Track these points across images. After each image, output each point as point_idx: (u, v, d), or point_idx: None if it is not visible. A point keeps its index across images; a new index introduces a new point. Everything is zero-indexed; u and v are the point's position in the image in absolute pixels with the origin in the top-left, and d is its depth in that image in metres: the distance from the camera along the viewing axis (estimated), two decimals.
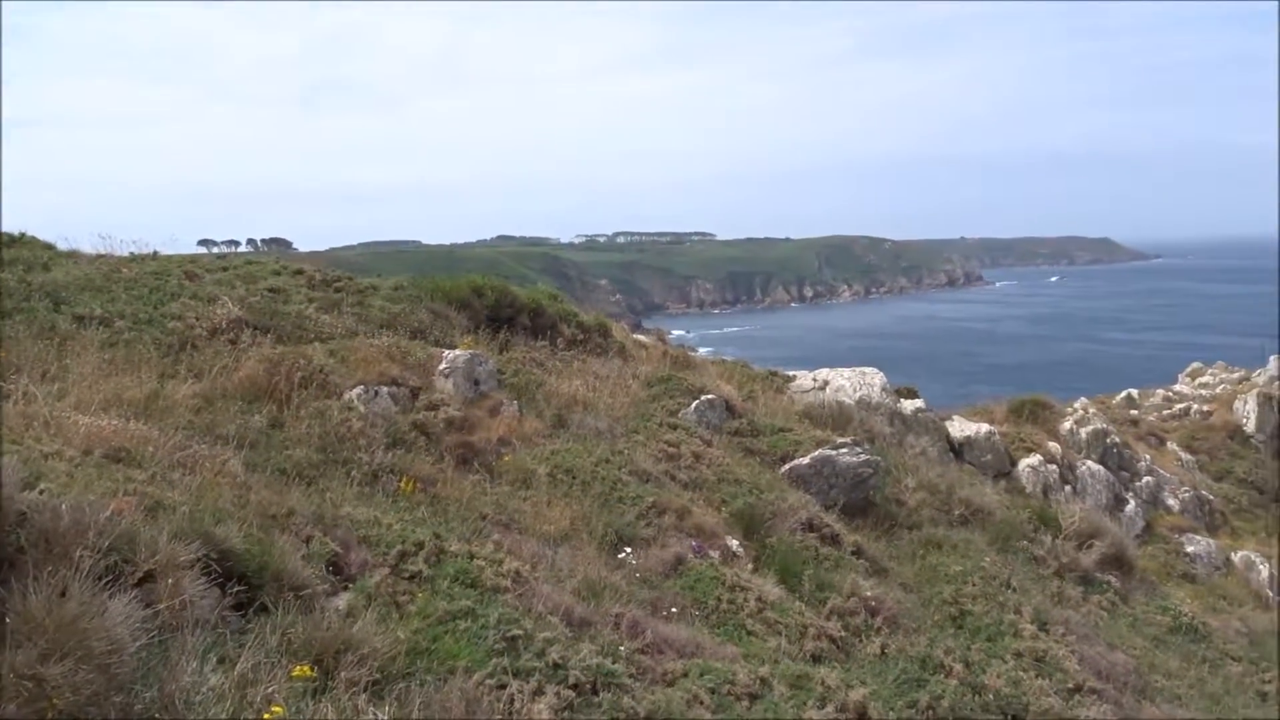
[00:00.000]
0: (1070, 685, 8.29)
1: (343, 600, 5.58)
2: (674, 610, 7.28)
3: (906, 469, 13.16)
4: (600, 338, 13.46)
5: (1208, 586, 15.64)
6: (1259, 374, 25.38)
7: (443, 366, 10.05)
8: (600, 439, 9.97)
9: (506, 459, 8.90)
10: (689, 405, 11.84)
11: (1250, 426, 23.33)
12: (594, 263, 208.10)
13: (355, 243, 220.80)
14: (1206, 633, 12.29)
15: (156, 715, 3.78)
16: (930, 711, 6.98)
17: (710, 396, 12.17)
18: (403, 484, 7.64)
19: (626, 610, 6.76)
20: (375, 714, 4.23)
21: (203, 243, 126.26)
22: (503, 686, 5.14)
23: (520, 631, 5.65)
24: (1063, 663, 8.64)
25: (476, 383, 10.19)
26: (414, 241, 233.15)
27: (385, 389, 9.14)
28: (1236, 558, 17.13)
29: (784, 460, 11.53)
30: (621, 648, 6.18)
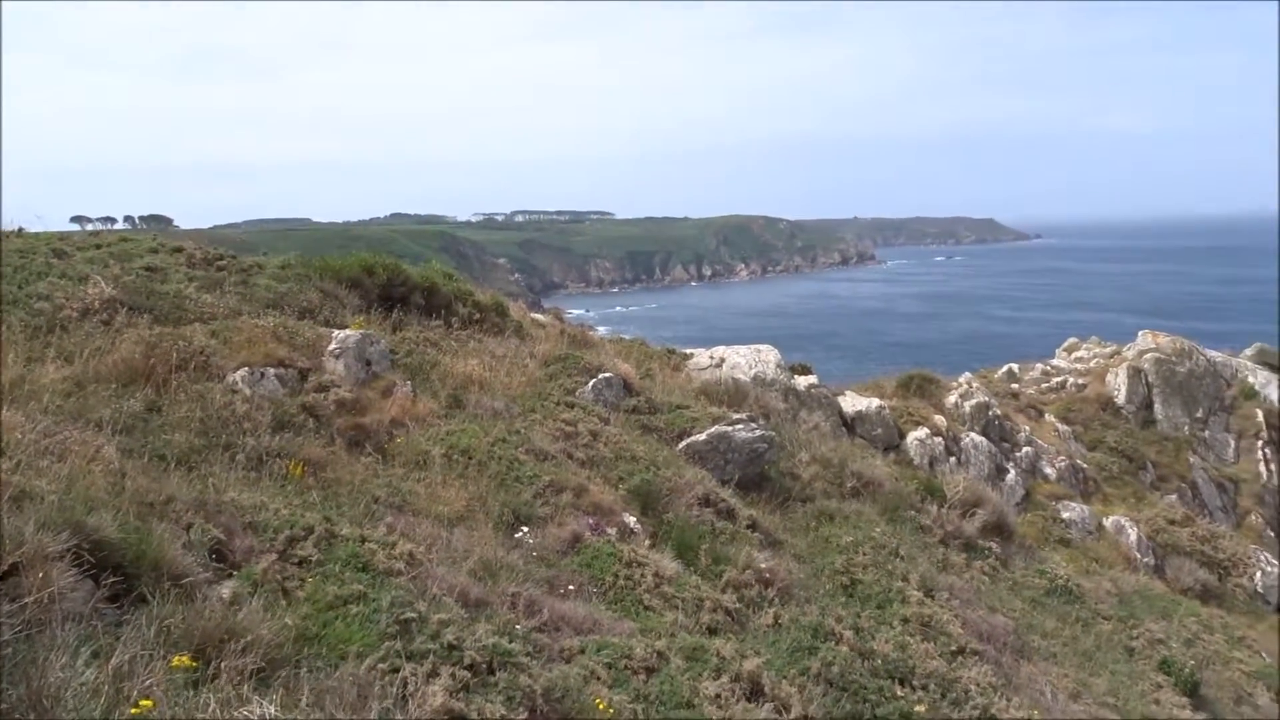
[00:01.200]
0: (954, 648, 8.63)
1: (227, 588, 5.40)
2: (571, 588, 7.29)
3: (800, 444, 13.43)
4: (497, 317, 13.32)
5: (1082, 550, 16.46)
6: (1129, 348, 26.74)
7: (333, 347, 9.80)
8: (497, 419, 9.88)
9: (400, 440, 8.75)
10: (586, 384, 11.83)
11: (1121, 398, 24.58)
12: (492, 241, 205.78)
13: (240, 220, 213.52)
14: (1080, 594, 12.94)
15: (20, 715, 3.59)
16: (821, 678, 7.16)
17: (608, 375, 12.18)
18: (291, 468, 7.43)
19: (523, 589, 6.74)
20: (260, 703, 4.11)
21: (75, 220, 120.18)
22: (395, 670, 5.06)
23: (414, 614, 5.57)
24: (947, 626, 8.97)
25: (368, 363, 9.98)
26: (304, 219, 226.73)
27: (272, 371, 8.87)
28: (1108, 522, 18.07)
29: (681, 437, 11.63)
30: (518, 627, 6.16)
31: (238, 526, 6.04)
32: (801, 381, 16.06)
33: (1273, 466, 24.61)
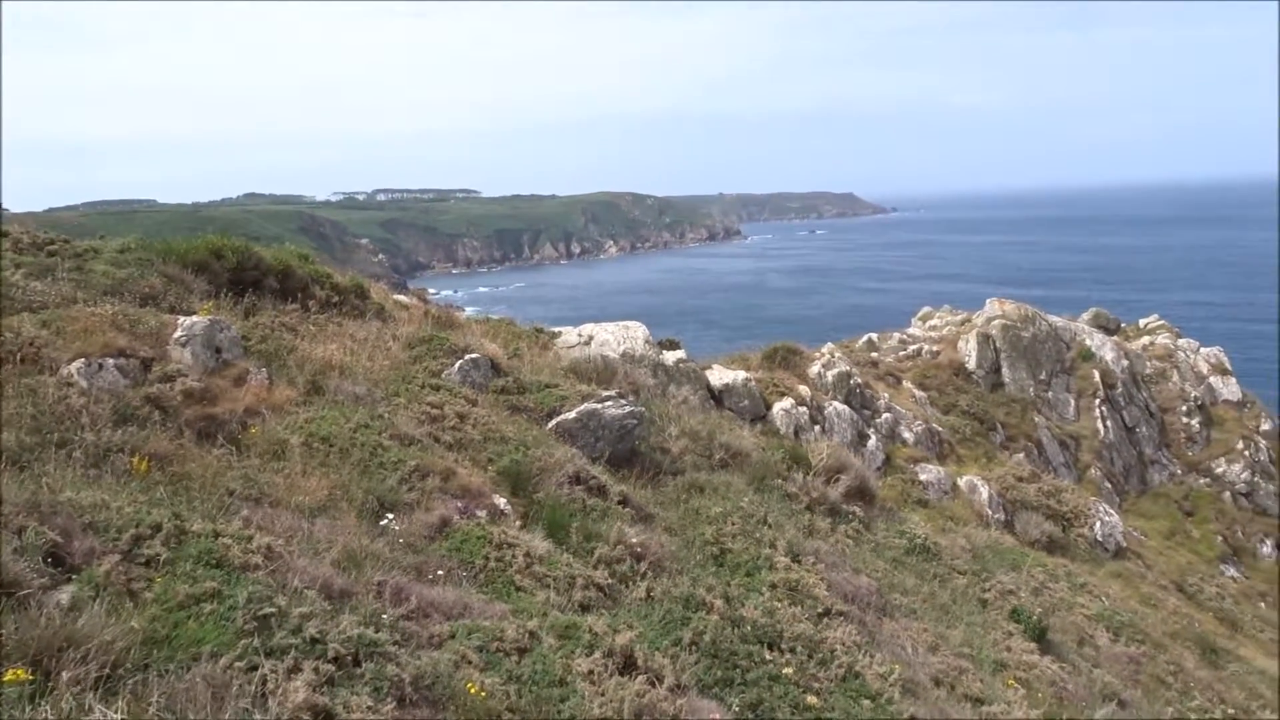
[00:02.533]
0: (820, 610, 8.90)
1: (65, 594, 5.08)
2: (441, 573, 7.18)
3: (670, 418, 13.57)
4: (357, 299, 12.93)
5: (939, 509, 17.25)
6: (978, 315, 28.06)
7: (178, 334, 9.31)
8: (359, 404, 9.61)
9: (255, 430, 8.40)
10: (452, 365, 11.63)
11: (971, 363, 25.80)
12: (354, 221, 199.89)
13: (78, 202, 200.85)
14: (937, 551, 13.55)
15: None
16: (694, 647, 7.28)
17: (474, 356, 12.00)
18: (135, 463, 7.03)
19: (390, 577, 6.59)
20: (103, 711, 3.89)
21: None
22: (254, 668, 4.87)
23: (273, 609, 5.37)
24: (813, 590, 9.24)
25: (219, 351, 9.53)
26: (148, 201, 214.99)
27: (111, 361, 8.36)
28: (962, 482, 18.98)
29: (551, 416, 11.58)
30: (385, 616, 6.02)
31: (76, 528, 5.68)
32: (670, 357, 16.22)
33: (1109, 423, 26.32)
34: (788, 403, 17.34)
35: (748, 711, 6.87)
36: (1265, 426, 29.63)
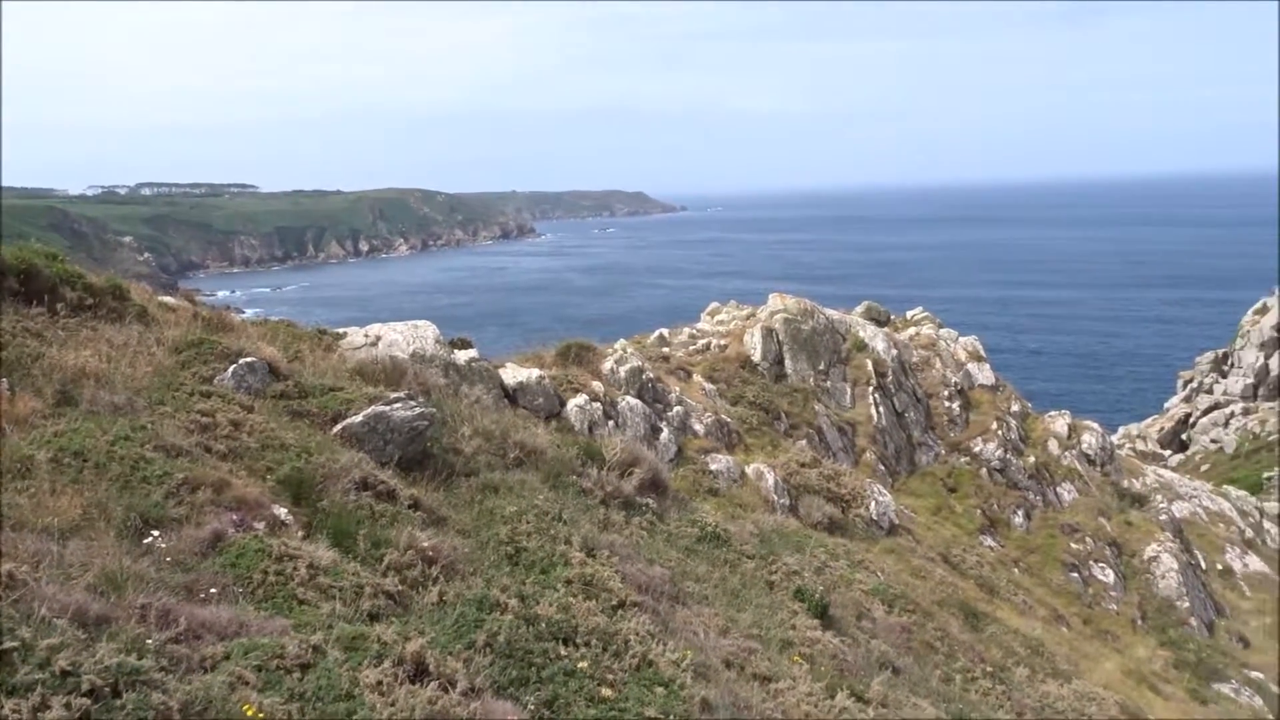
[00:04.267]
0: (615, 602, 9.00)
1: None
2: (214, 591, 6.75)
3: (463, 418, 13.35)
4: (114, 301, 11.93)
5: (728, 497, 17.88)
6: (762, 310, 29.28)
7: None
8: (118, 414, 8.88)
9: None
10: (225, 370, 10.96)
11: (757, 356, 26.89)
12: (115, 218, 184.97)
13: None
14: (727, 538, 14.02)
15: None
16: (488, 648, 7.19)
17: (250, 359, 11.36)
18: None
19: (155, 599, 6.12)
20: None
21: None
22: None
23: (15, 643, 4.88)
24: (608, 583, 9.34)
25: None
26: None
27: None
28: (750, 470, 19.75)
29: (336, 420, 11.13)
30: (150, 641, 5.60)
31: None
32: (462, 356, 15.97)
33: (881, 409, 28.12)
34: (582, 399, 17.47)
35: (543, 709, 6.86)
36: (1014, 408, 32.56)
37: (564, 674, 7.20)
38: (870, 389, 28.33)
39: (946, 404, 30.85)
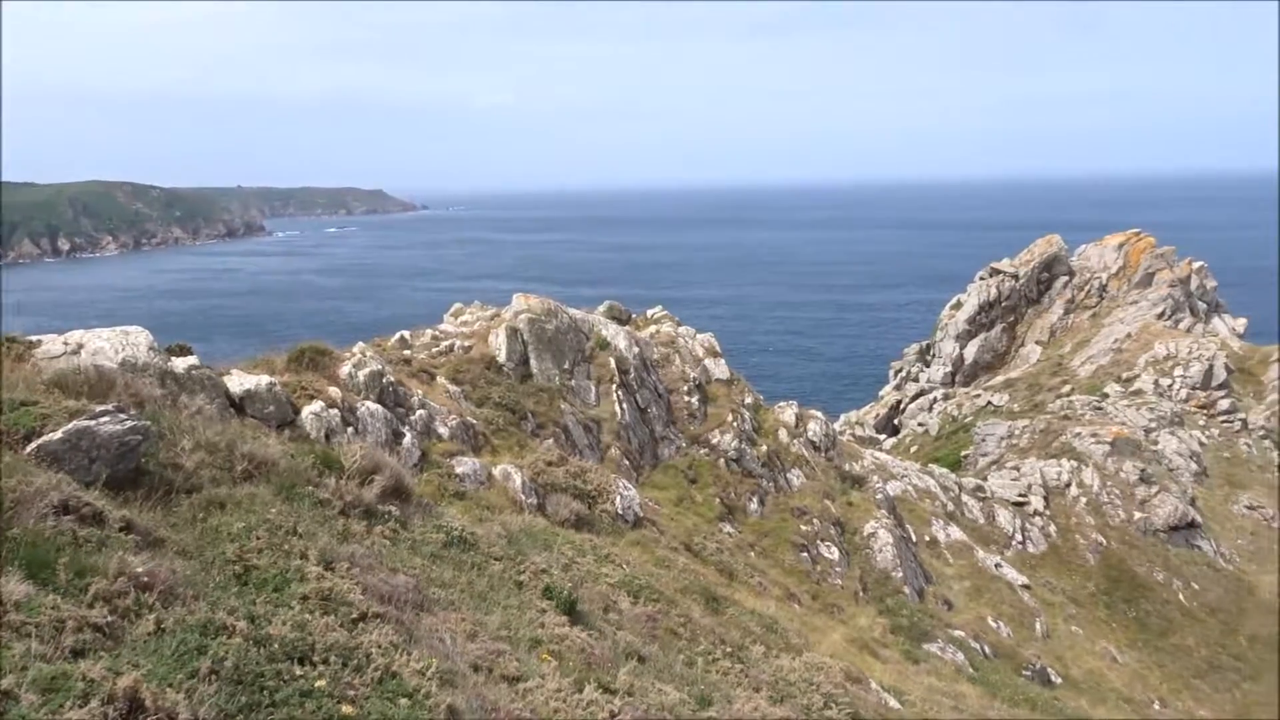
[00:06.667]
0: (355, 615, 8.67)
1: None
2: None
3: (183, 430, 12.36)
4: None
5: (475, 500, 17.69)
6: (506, 310, 29.26)
7: None
8: None
9: None
10: None
11: (502, 356, 26.83)
12: None
13: None
14: (474, 541, 13.86)
15: None
16: (214, 676, 6.71)
17: None
18: None
19: None
20: None
21: None
22: None
23: None
24: (348, 596, 8.97)
25: None
26: None
27: None
28: (497, 471, 19.65)
29: (29, 439, 9.97)
30: None
31: None
32: (180, 364, 14.79)
33: (625, 406, 28.87)
34: (318, 406, 16.67)
35: None
36: (748, 400, 34.46)
37: (300, 695, 6.83)
38: (614, 386, 29.01)
39: (686, 399, 32.14)
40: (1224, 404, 59.88)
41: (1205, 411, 59.66)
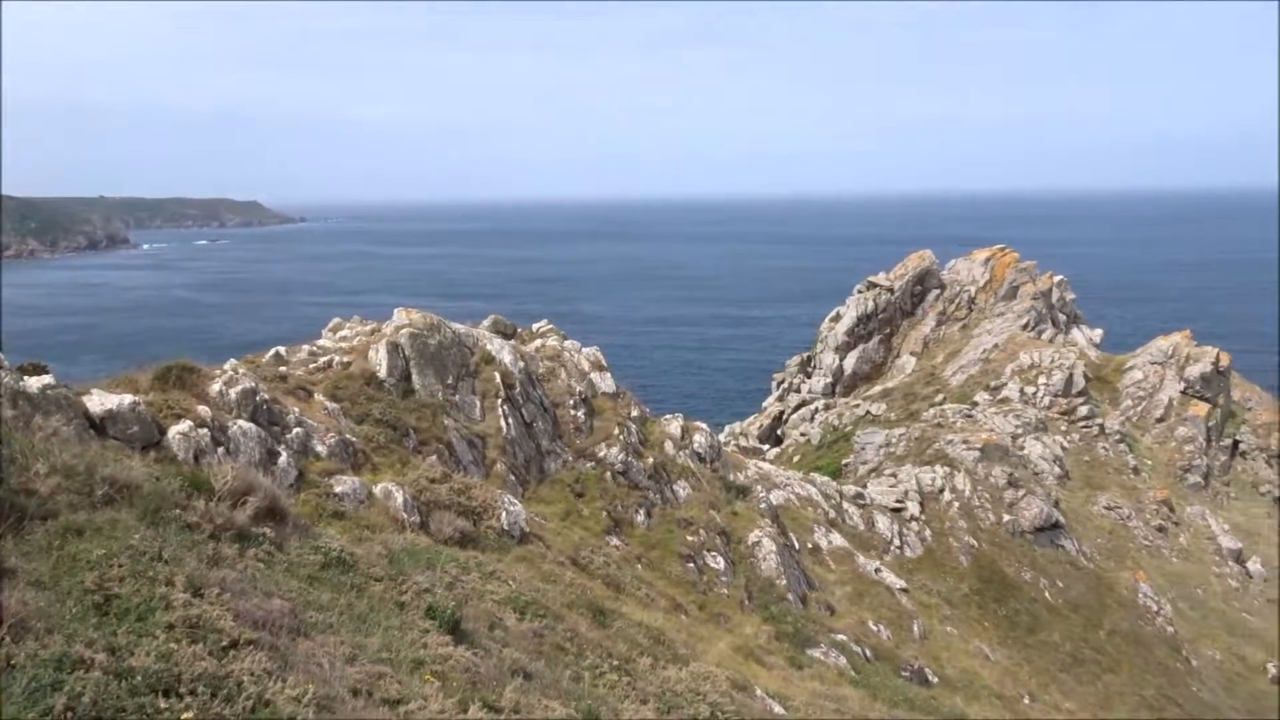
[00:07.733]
0: (226, 643, 8.32)
1: None
2: None
3: (36, 453, 11.67)
4: None
5: (355, 520, 17.21)
6: (387, 325, 28.65)
7: None
8: None
9: None
10: None
11: (383, 372, 26.26)
12: None
13: None
14: (354, 562, 13.49)
15: None
16: (70, 713, 6.34)
17: None
18: None
19: None
20: None
21: None
22: None
23: None
24: (218, 623, 8.61)
25: None
26: None
27: None
28: (378, 489, 19.19)
29: None
30: None
31: None
32: (34, 383, 13.96)
33: (510, 420, 28.62)
34: (186, 425, 15.96)
35: None
36: (634, 413, 34.60)
37: None
38: (499, 401, 28.73)
39: (572, 412, 32.06)
40: (1083, 410, 63.27)
41: (1066, 417, 62.93)
